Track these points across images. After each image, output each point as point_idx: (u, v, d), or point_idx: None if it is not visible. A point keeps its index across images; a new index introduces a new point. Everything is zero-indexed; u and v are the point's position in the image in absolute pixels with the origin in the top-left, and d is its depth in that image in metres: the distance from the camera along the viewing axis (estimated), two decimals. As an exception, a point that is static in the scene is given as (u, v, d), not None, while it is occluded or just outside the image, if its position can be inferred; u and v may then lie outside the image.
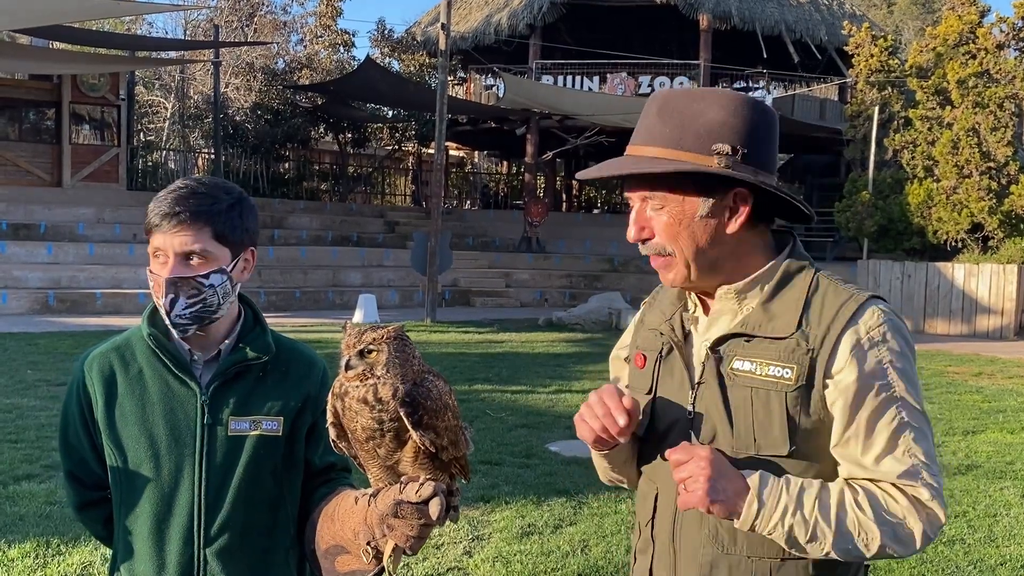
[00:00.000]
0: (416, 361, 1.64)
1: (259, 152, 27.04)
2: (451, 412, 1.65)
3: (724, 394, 1.67)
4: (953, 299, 18.57)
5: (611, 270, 23.35)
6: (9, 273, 17.54)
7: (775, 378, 1.63)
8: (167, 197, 1.87)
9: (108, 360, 1.94)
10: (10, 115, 22.64)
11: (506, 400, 9.62)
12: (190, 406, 1.91)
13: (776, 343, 1.66)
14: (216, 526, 1.90)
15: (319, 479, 2.03)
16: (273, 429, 1.94)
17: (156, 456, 1.89)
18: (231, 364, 1.93)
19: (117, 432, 1.91)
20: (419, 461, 1.64)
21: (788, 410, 1.63)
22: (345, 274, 21.23)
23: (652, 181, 1.66)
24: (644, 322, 1.89)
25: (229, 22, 31.40)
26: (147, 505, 1.90)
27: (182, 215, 1.84)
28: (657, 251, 1.69)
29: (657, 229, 1.68)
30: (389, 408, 1.59)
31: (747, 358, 1.66)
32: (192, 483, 1.89)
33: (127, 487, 1.91)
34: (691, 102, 1.67)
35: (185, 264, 1.85)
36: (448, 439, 1.64)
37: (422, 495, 1.59)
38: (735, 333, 1.69)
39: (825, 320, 1.66)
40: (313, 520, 1.95)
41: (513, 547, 5.19)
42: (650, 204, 1.68)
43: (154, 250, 1.86)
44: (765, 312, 1.69)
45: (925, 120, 20.02)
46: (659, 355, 1.78)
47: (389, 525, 1.62)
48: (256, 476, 1.93)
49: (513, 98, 23.90)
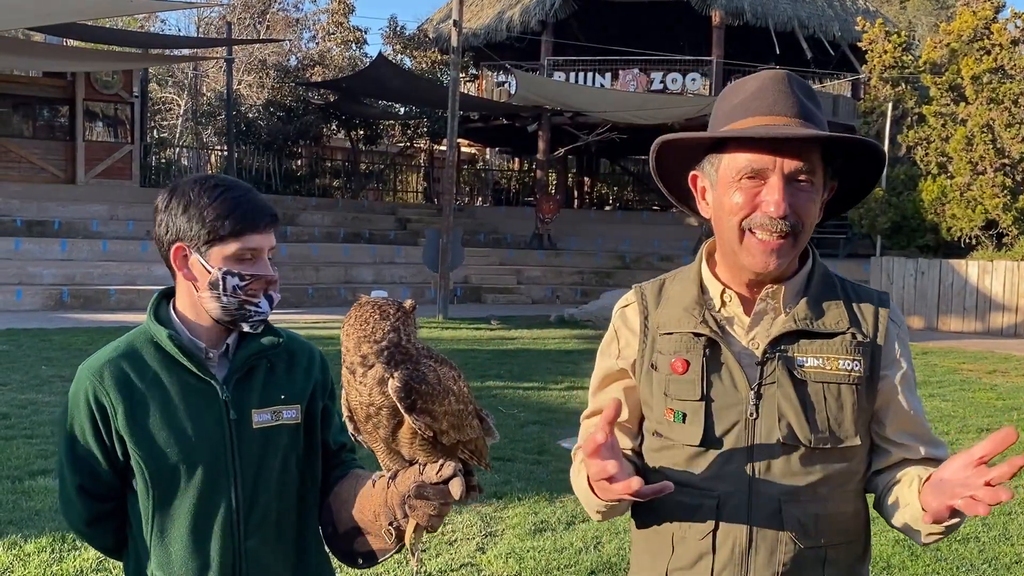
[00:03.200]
0: (415, 342, 1.67)
1: (272, 149, 27.10)
2: (454, 396, 1.67)
3: (799, 392, 1.70)
4: (967, 296, 18.47)
5: (623, 267, 23.32)
6: (24, 269, 17.63)
7: (846, 371, 1.70)
8: (244, 197, 1.90)
9: (119, 367, 1.91)
10: (24, 112, 22.75)
11: (518, 397, 9.62)
12: (214, 404, 1.91)
13: (833, 339, 1.72)
14: (255, 520, 1.92)
15: (332, 461, 2.07)
16: (292, 417, 1.97)
17: (190, 458, 1.88)
18: (248, 356, 1.94)
19: (146, 440, 1.88)
20: (417, 444, 1.67)
21: (858, 401, 1.71)
22: (357, 271, 21.27)
23: (807, 156, 1.66)
24: (651, 325, 1.82)
25: (242, 19, 31.51)
26: (185, 507, 1.89)
27: (275, 216, 1.93)
28: (793, 230, 1.66)
29: (803, 205, 1.66)
30: (373, 388, 1.63)
31: (811, 354, 1.71)
32: (229, 480, 1.90)
33: (163, 493, 1.89)
34: (806, 87, 1.74)
35: (270, 262, 1.93)
36: (449, 423, 1.66)
37: (443, 475, 1.65)
38: (794, 331, 1.72)
39: (869, 314, 1.75)
40: (328, 504, 1.99)
41: (526, 543, 5.19)
42: (798, 180, 1.65)
43: (243, 251, 1.87)
44: (812, 310, 1.73)
45: (939, 116, 19.91)
46: (704, 357, 1.74)
47: (411, 506, 1.69)
48: (284, 466, 1.95)
49: (525, 95, 23.88)
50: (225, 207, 1.87)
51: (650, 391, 1.80)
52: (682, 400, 1.74)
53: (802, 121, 1.65)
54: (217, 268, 1.89)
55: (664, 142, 1.79)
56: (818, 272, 1.78)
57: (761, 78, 1.72)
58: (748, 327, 1.75)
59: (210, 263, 1.89)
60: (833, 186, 1.76)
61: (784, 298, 1.74)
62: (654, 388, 1.79)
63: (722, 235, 1.73)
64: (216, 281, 1.89)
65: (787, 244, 1.65)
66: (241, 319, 1.92)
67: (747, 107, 1.69)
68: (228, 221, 1.87)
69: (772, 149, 1.64)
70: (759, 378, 1.70)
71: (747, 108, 1.69)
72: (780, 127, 1.64)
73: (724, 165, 1.70)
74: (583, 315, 17.41)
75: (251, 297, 1.90)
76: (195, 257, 1.90)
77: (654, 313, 1.84)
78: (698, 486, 1.72)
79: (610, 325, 1.93)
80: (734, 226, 1.68)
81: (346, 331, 1.65)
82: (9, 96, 22.26)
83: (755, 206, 1.65)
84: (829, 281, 1.78)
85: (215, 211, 1.87)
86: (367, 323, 1.63)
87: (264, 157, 27.06)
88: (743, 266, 1.71)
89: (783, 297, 1.73)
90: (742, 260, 1.69)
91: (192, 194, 1.89)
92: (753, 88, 1.71)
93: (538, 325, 16.75)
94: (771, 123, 1.65)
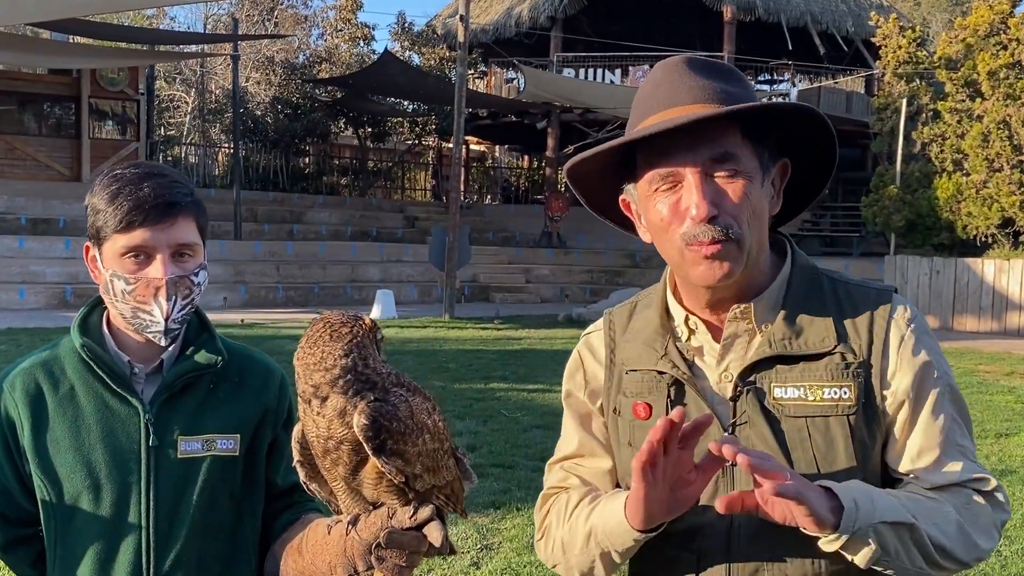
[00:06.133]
0: (378, 366, 1.40)
1: (279, 147, 26.96)
2: (429, 434, 1.40)
3: (775, 430, 1.42)
4: (983, 295, 18.18)
5: (632, 266, 23.08)
6: (27, 268, 17.50)
7: (832, 401, 1.42)
8: (140, 187, 1.62)
9: (33, 378, 1.68)
10: (30, 109, 22.67)
11: (522, 399, 9.38)
12: (132, 426, 1.66)
13: (817, 361, 1.43)
14: (169, 562, 1.66)
15: (281, 502, 1.79)
16: (229, 448, 1.70)
17: (96, 486, 1.64)
18: (179, 375, 1.69)
19: (48, 461, 1.65)
20: (383, 486, 1.40)
21: (852, 435, 1.41)
22: (364, 269, 21.08)
23: (720, 141, 1.39)
24: (617, 362, 1.57)
25: (250, 16, 31.37)
26: (87, 543, 1.65)
27: (176, 206, 1.63)
28: (727, 232, 1.38)
29: (731, 201, 1.39)
30: (333, 419, 1.36)
31: (790, 383, 1.43)
32: (139, 515, 1.65)
33: (63, 523, 1.66)
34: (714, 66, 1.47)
35: (176, 261, 1.64)
36: (423, 465, 1.39)
37: (418, 519, 1.39)
38: (768, 357, 1.43)
39: (863, 325, 1.45)
40: (274, 553, 1.72)
41: (523, 558, 4.94)
42: (719, 172, 1.40)
43: (126, 249, 1.62)
44: (791, 327, 1.45)
45: (954, 112, 19.62)
46: (668, 400, 1.49)
47: (379, 556, 1.41)
48: (212, 502, 1.69)
49: (534, 91, 23.67)
50: (111, 198, 1.62)
51: (617, 439, 1.55)
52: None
53: (706, 104, 1.39)
54: (107, 270, 1.65)
55: (571, 170, 1.53)
56: (799, 276, 1.50)
57: (654, 72, 1.48)
58: (719, 356, 1.48)
59: (104, 264, 1.66)
60: (784, 164, 1.49)
61: (757, 315, 1.46)
62: (620, 436, 1.54)
63: (665, 255, 1.47)
64: (106, 285, 1.66)
65: (728, 248, 1.39)
66: (140, 329, 1.67)
67: (645, 107, 1.45)
68: (112, 213, 1.62)
69: (674, 147, 1.39)
70: (733, 417, 1.45)
71: (645, 108, 1.45)
72: (674, 117, 1.38)
73: (639, 179, 1.46)
74: (592, 314, 17.17)
75: (141, 304, 1.64)
76: (94, 256, 1.68)
77: (621, 345, 1.58)
78: (679, 536, 1.47)
79: (574, 351, 1.67)
80: (667, 243, 1.44)
81: (297, 355, 1.38)
82: (15, 93, 22.16)
83: (683, 214, 1.40)
84: (814, 286, 1.50)
85: (103, 203, 1.63)
86: (315, 345, 1.37)
87: (271, 155, 26.91)
88: (694, 284, 1.45)
89: (756, 314, 1.46)
90: (690, 275, 1.43)
91: (95, 185, 1.67)
92: (649, 86, 1.47)
93: (546, 325, 16.52)
94: (669, 116, 1.40)
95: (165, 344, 1.68)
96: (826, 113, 11.92)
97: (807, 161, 1.52)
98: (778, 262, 1.52)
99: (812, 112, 1.44)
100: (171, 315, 1.64)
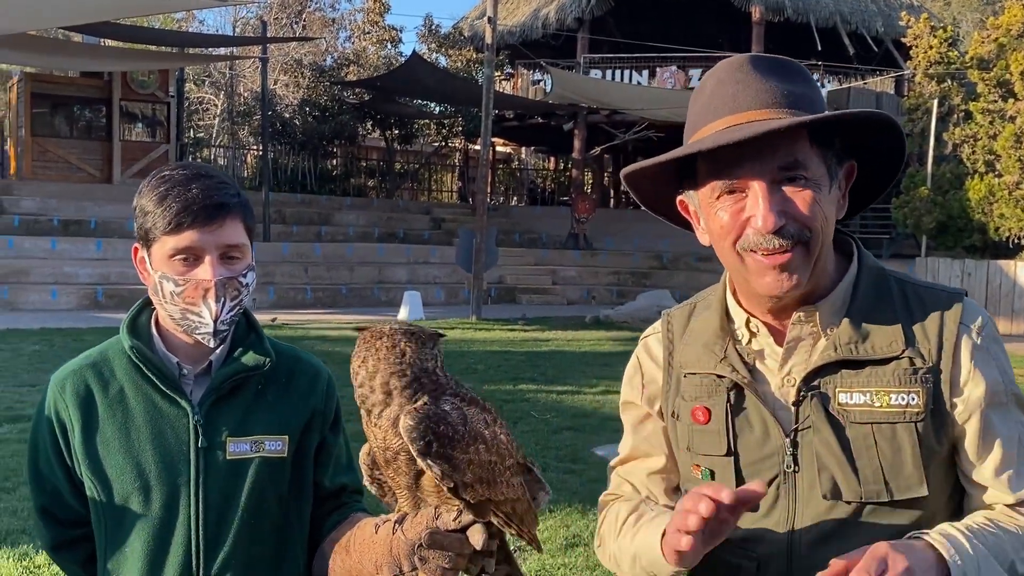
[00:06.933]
0: (435, 375, 1.40)
1: (307, 149, 27.10)
2: (484, 444, 1.39)
3: (839, 437, 1.39)
4: (1016, 298, 17.97)
5: (660, 267, 23.00)
6: (59, 269, 17.67)
7: (900, 408, 1.37)
8: (188, 188, 1.61)
9: (83, 379, 1.69)
10: (62, 112, 22.90)
11: (551, 400, 9.37)
12: (181, 428, 1.66)
13: (884, 366, 1.39)
14: (217, 564, 1.66)
15: (330, 504, 1.79)
16: (277, 450, 1.70)
17: (145, 487, 1.64)
18: (227, 377, 1.69)
19: (99, 462, 1.65)
20: (444, 495, 1.40)
21: (920, 443, 1.37)
22: (391, 271, 21.13)
23: (788, 149, 1.35)
24: (675, 363, 1.54)
25: (278, 19, 31.59)
26: (137, 544, 1.65)
27: (225, 207, 1.62)
28: (797, 237, 1.35)
29: (803, 206, 1.35)
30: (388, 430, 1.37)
31: (856, 389, 1.39)
32: (188, 517, 1.65)
33: (113, 525, 1.67)
34: (780, 65, 1.42)
35: (224, 263, 1.64)
36: (475, 475, 1.38)
37: (462, 522, 1.39)
38: (834, 361, 1.40)
39: (933, 329, 1.40)
40: (323, 551, 1.72)
41: (557, 560, 4.94)
42: (786, 181, 1.36)
43: (174, 251, 1.61)
44: (857, 331, 1.41)
45: (986, 113, 19.41)
46: (727, 404, 1.46)
47: (422, 557, 1.41)
48: (260, 504, 1.69)
49: (561, 93, 23.65)
50: (159, 199, 1.62)
51: (676, 443, 1.53)
52: (708, 455, 1.47)
53: (774, 109, 1.35)
54: (156, 272, 1.64)
55: (629, 175, 1.50)
56: (867, 278, 1.45)
57: (717, 70, 1.43)
58: (782, 360, 1.45)
59: (153, 265, 1.65)
60: (851, 167, 1.44)
61: (822, 319, 1.43)
62: (679, 440, 1.52)
63: (724, 262, 1.44)
64: (155, 286, 1.65)
65: (797, 256, 1.36)
66: (189, 330, 1.66)
67: (708, 110, 1.40)
68: (160, 215, 1.61)
69: (739, 157, 1.34)
70: (795, 422, 1.42)
71: (708, 111, 1.40)
72: (741, 127, 1.34)
73: (700, 184, 1.42)
74: (619, 316, 17.13)
75: (190, 305, 1.63)
76: (143, 258, 1.68)
77: (679, 347, 1.54)
78: (739, 544, 1.45)
79: (633, 354, 1.65)
80: (728, 250, 1.40)
81: (367, 363, 1.39)
82: (48, 96, 22.40)
83: (744, 223, 1.37)
84: (883, 288, 1.45)
85: (151, 204, 1.63)
86: (374, 354, 1.38)
87: (299, 157, 27.05)
88: (758, 292, 1.41)
89: (821, 318, 1.43)
90: (753, 285, 1.40)
91: (143, 187, 1.66)
92: (712, 84, 1.42)
93: (573, 326, 16.49)
94: (736, 122, 1.35)
95: (214, 345, 1.68)
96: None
97: (872, 161, 1.48)
98: (843, 264, 1.48)
99: (886, 120, 1.40)
100: (220, 316, 1.64)
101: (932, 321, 1.42)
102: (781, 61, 1.43)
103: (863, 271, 1.47)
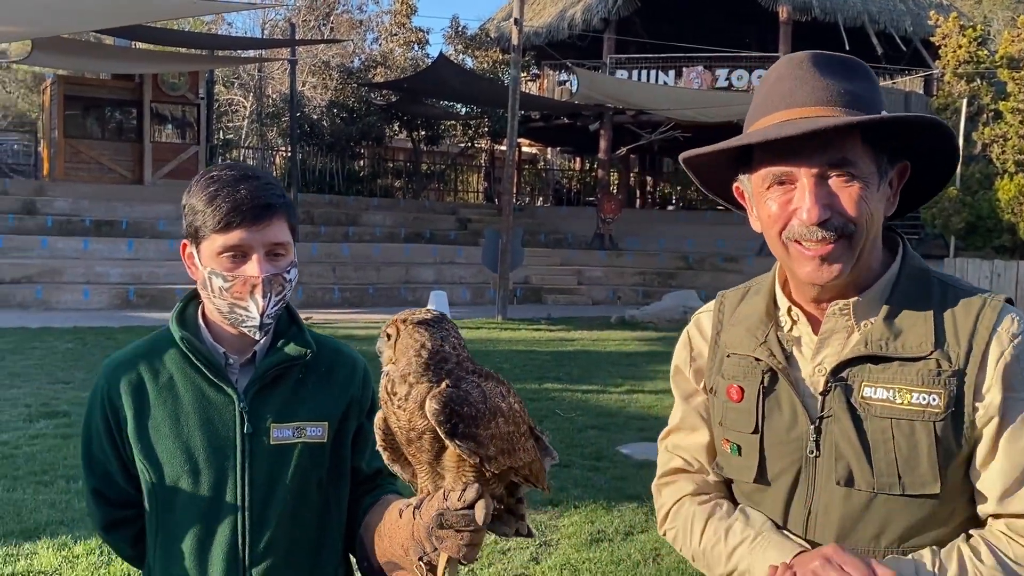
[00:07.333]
0: (454, 356, 1.49)
1: (335, 150, 27.28)
2: (503, 417, 1.48)
3: (858, 428, 1.44)
4: (1046, 299, 17.80)
5: (686, 267, 22.96)
6: (91, 269, 17.92)
7: (920, 407, 1.42)
8: (237, 189, 1.71)
9: (135, 367, 1.79)
10: (94, 114, 23.20)
11: (576, 400, 9.43)
12: (228, 414, 1.76)
13: (911, 364, 1.43)
14: (262, 545, 1.76)
15: (366, 486, 1.89)
16: (318, 436, 1.80)
17: (195, 471, 1.74)
18: (271, 366, 1.78)
19: (150, 446, 1.76)
20: (463, 469, 1.49)
21: (938, 442, 1.41)
22: (418, 271, 21.25)
23: (839, 146, 1.41)
24: (721, 343, 1.62)
25: (306, 21, 31.81)
26: (186, 524, 1.75)
27: (271, 207, 1.72)
28: (841, 231, 1.41)
29: (849, 202, 1.41)
30: (414, 412, 1.45)
31: (881, 384, 1.44)
32: (235, 498, 1.75)
33: (164, 505, 1.77)
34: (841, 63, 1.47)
35: (270, 260, 1.74)
36: (497, 448, 1.47)
37: (466, 499, 1.47)
38: (862, 356, 1.45)
39: (964, 333, 1.44)
40: (361, 537, 1.81)
41: (582, 554, 5.01)
42: (835, 176, 1.42)
43: (223, 249, 1.71)
44: (890, 328, 1.46)
45: (1017, 113, 19.24)
46: (761, 386, 1.53)
47: (438, 537, 1.51)
48: (302, 488, 1.78)
49: (587, 93, 23.65)
50: (209, 199, 1.71)
51: (712, 417, 1.62)
52: (738, 431, 1.55)
53: (828, 107, 1.41)
54: (205, 267, 1.74)
55: (688, 160, 1.58)
56: (907, 277, 1.50)
57: (778, 66, 1.50)
58: (815, 349, 1.51)
59: (202, 261, 1.75)
60: (904, 167, 1.50)
61: (858, 312, 1.48)
62: (714, 415, 1.61)
63: (773, 249, 1.51)
64: (204, 281, 1.75)
65: (840, 247, 1.42)
66: (236, 323, 1.76)
67: (767, 103, 1.47)
68: (210, 214, 1.71)
69: (791, 149, 1.41)
70: (821, 411, 1.48)
71: (767, 104, 1.47)
72: (796, 122, 1.40)
73: (754, 173, 1.50)
74: (645, 316, 17.14)
75: (238, 300, 1.73)
76: (192, 254, 1.78)
77: (727, 327, 1.63)
78: None
79: (684, 331, 1.74)
80: (776, 238, 1.47)
81: (397, 347, 1.48)
82: (80, 98, 22.70)
83: (790, 214, 1.44)
84: (922, 287, 1.49)
85: (201, 203, 1.72)
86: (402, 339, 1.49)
87: (327, 158, 27.23)
88: (800, 280, 1.49)
89: (856, 311, 1.48)
90: (797, 273, 1.47)
91: (193, 186, 1.76)
92: (772, 79, 1.49)
93: (599, 326, 16.53)
94: (789, 117, 1.42)
95: (259, 338, 1.77)
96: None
97: (924, 163, 1.53)
98: (887, 260, 1.53)
99: (938, 124, 1.45)
100: (266, 311, 1.73)
101: (965, 325, 1.45)
102: (843, 59, 1.48)
103: (905, 269, 1.51)
